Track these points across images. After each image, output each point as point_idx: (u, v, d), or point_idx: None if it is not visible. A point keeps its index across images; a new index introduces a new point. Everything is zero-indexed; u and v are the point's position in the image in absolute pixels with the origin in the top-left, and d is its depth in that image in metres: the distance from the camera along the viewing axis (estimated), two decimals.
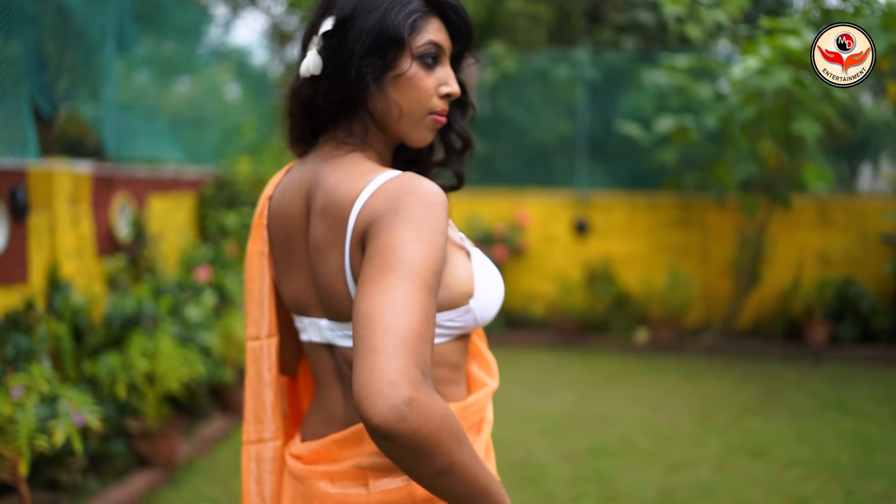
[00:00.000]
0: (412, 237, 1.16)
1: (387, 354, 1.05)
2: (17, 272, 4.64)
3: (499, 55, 8.64)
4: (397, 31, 1.32)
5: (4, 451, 3.27)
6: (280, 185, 1.45)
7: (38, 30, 5.82)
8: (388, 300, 1.09)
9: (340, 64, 1.32)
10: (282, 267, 1.43)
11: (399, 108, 1.36)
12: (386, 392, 1.02)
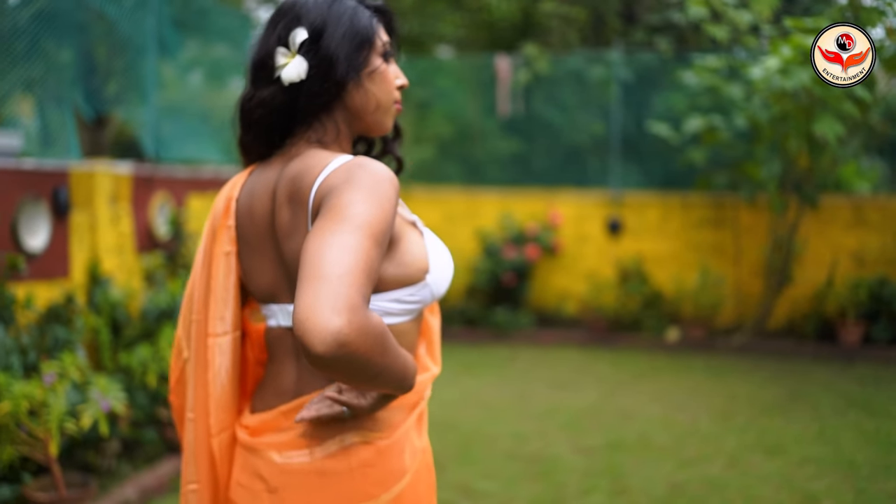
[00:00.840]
0: (361, 198, 1.28)
1: (331, 282, 1.14)
2: (59, 268, 4.90)
3: (532, 56, 8.76)
4: (367, 32, 1.51)
5: (37, 433, 3.50)
6: (246, 187, 1.58)
7: (87, 37, 6.11)
8: (336, 241, 1.20)
9: (325, 67, 1.47)
10: (251, 263, 1.56)
11: (376, 100, 1.55)
12: (327, 320, 1.11)
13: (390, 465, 1.49)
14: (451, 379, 6.75)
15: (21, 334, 4.10)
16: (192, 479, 1.57)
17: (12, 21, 5.43)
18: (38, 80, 5.66)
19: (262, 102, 1.51)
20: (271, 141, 1.56)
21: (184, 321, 1.65)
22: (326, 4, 1.49)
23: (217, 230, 1.58)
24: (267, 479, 1.48)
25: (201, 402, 1.57)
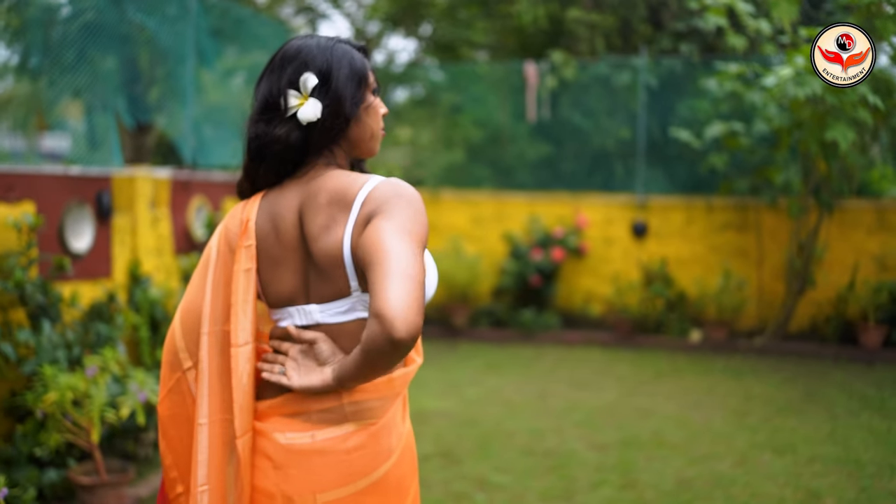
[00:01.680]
0: (415, 218, 1.60)
1: (417, 287, 1.47)
2: (102, 268, 5.21)
3: (559, 63, 8.95)
4: (364, 72, 1.77)
5: (80, 421, 3.80)
6: (263, 211, 1.79)
7: (130, 47, 6.43)
8: (407, 249, 1.52)
9: (335, 106, 1.72)
10: (272, 275, 1.78)
11: (371, 130, 1.81)
12: (413, 321, 1.44)
13: (380, 446, 1.73)
14: (475, 378, 6.98)
15: (66, 330, 4.41)
16: (203, 482, 1.74)
17: (62, 32, 5.77)
18: (85, 87, 5.99)
19: (278, 139, 1.73)
20: (285, 171, 1.78)
21: (188, 335, 1.84)
22: (328, 49, 1.74)
23: (235, 250, 1.78)
24: (272, 457, 1.71)
25: (217, 407, 1.76)
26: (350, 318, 1.71)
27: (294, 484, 1.68)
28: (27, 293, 4.20)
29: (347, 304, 1.71)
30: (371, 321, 1.47)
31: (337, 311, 1.71)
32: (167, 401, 1.86)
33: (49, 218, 4.71)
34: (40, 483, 3.91)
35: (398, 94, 12.17)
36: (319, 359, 1.70)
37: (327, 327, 1.73)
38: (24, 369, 4.06)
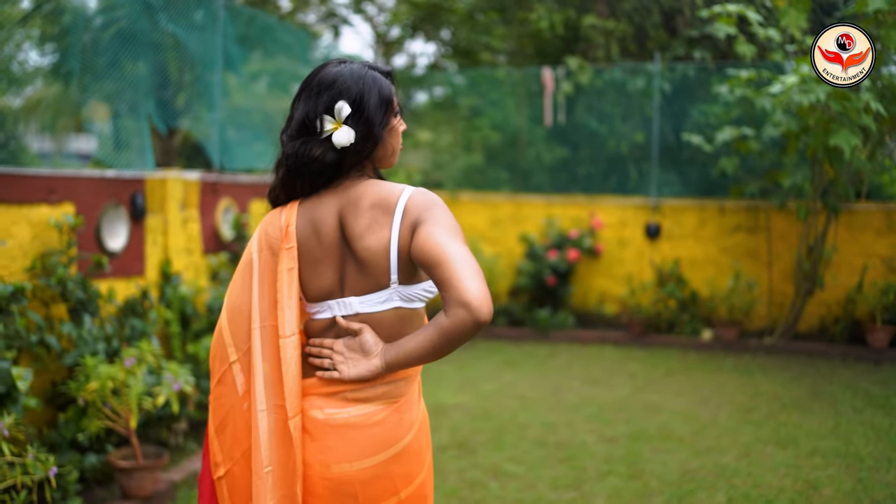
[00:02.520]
0: (454, 221, 1.90)
1: (483, 279, 1.76)
2: (136, 266, 5.49)
3: (575, 68, 9.17)
4: (390, 98, 2.02)
5: (119, 409, 4.07)
6: (302, 217, 2.01)
7: (160, 54, 6.72)
8: (463, 248, 1.81)
9: (366, 131, 1.96)
10: (312, 273, 2.01)
11: (392, 148, 2.06)
12: (490, 306, 1.74)
13: (403, 420, 1.99)
14: (491, 374, 7.22)
15: (105, 324, 4.69)
16: (268, 463, 1.95)
17: (96, 40, 6.06)
18: (117, 92, 6.28)
19: (316, 159, 1.97)
20: (321, 184, 2.02)
21: (236, 331, 2.05)
22: (360, 79, 1.97)
23: (278, 252, 2.01)
24: (311, 431, 1.96)
25: (270, 394, 1.97)
26: (387, 307, 1.96)
27: (331, 454, 1.92)
28: (68, 289, 4.48)
29: (385, 295, 1.96)
30: (457, 309, 1.74)
31: (376, 301, 1.96)
32: (216, 390, 2.09)
33: (87, 218, 4.99)
34: (82, 466, 4.19)
35: (419, 97, 12.45)
36: (365, 348, 1.94)
37: (366, 316, 1.97)
38: (65, 361, 4.34)
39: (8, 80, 6.69)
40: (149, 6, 6.40)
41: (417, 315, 2.03)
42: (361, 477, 1.92)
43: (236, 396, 2.04)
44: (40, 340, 4.24)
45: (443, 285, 1.77)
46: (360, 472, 1.93)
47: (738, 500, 4.40)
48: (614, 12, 10.12)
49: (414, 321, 2.01)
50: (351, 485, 1.92)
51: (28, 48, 8.43)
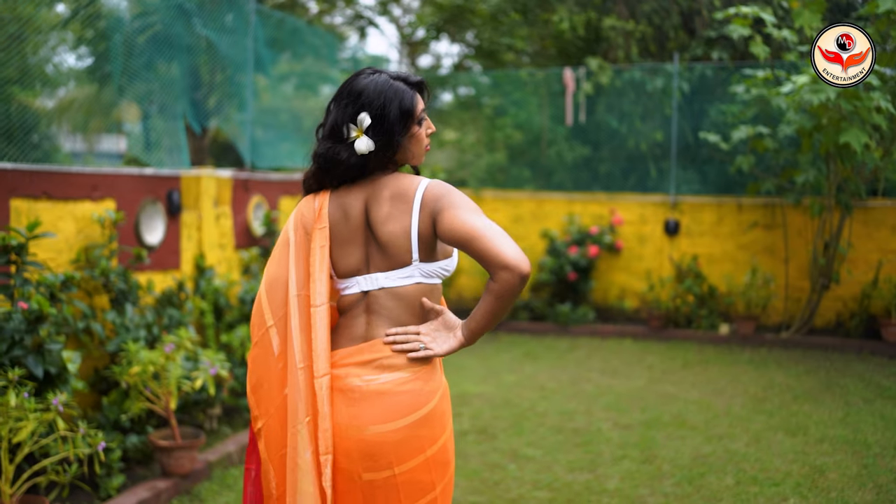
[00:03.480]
0: (470, 200, 2.16)
1: (512, 242, 2.03)
2: (172, 260, 5.77)
3: (595, 69, 9.38)
4: (411, 109, 2.25)
5: (159, 392, 4.34)
6: (334, 202, 2.27)
7: (193, 56, 7.00)
8: (486, 220, 2.08)
9: (386, 140, 2.21)
10: (341, 251, 2.28)
11: (412, 153, 2.31)
12: (525, 258, 2.02)
13: (428, 387, 2.23)
14: (512, 365, 7.45)
15: (144, 313, 4.97)
16: (305, 416, 2.19)
17: (131, 43, 6.34)
18: (151, 93, 6.57)
19: (342, 162, 2.23)
20: (348, 180, 2.28)
21: (273, 299, 2.30)
22: (383, 91, 2.22)
23: (311, 231, 2.27)
24: (348, 395, 2.20)
25: (304, 355, 2.22)
26: (409, 282, 2.22)
27: (367, 417, 2.16)
28: (110, 280, 4.76)
29: (407, 272, 2.22)
30: (501, 272, 2.01)
31: (399, 276, 2.23)
32: (254, 351, 2.34)
33: (127, 214, 5.27)
34: (124, 446, 4.46)
35: (444, 97, 12.70)
36: (449, 324, 2.23)
37: (390, 290, 2.23)
38: (108, 348, 4.62)
39: (43, 81, 6.99)
40: (183, 11, 6.68)
41: (436, 289, 2.29)
42: (393, 438, 2.15)
43: (272, 357, 2.29)
44: (86, 327, 4.52)
45: (481, 257, 2.04)
46: (393, 433, 2.16)
47: (745, 482, 4.59)
48: (634, 14, 10.30)
49: (434, 294, 2.28)
50: (384, 445, 2.15)
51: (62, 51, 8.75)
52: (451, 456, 2.31)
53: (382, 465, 2.15)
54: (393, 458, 2.15)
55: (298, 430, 2.17)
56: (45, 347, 3.83)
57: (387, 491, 2.15)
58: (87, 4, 6.09)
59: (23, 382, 3.58)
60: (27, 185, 4.56)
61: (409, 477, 2.16)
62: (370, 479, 2.14)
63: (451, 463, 2.30)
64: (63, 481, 3.62)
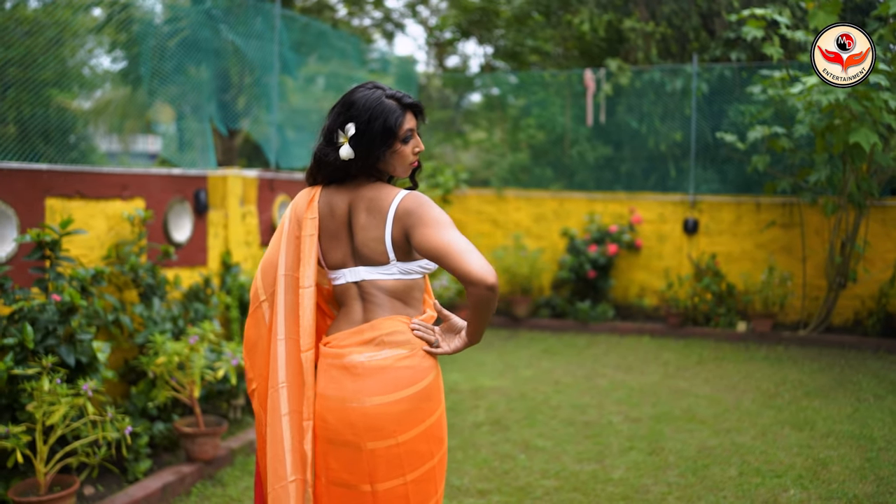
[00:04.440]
0: (439, 212, 2.32)
1: (473, 253, 2.21)
2: (199, 257, 6.01)
3: (615, 70, 9.52)
4: (394, 128, 2.44)
5: (184, 381, 4.57)
6: (324, 197, 2.50)
7: (222, 60, 7.24)
8: (455, 234, 2.26)
9: (366, 151, 2.41)
10: (328, 244, 2.50)
11: (394, 167, 2.50)
12: (490, 270, 2.19)
13: (424, 364, 2.43)
14: (530, 361, 7.62)
15: (171, 307, 5.21)
16: (283, 381, 2.45)
17: (162, 47, 6.59)
18: (181, 95, 6.82)
19: (330, 163, 2.46)
20: (337, 180, 2.51)
21: (265, 278, 2.54)
22: (372, 107, 2.42)
23: (302, 220, 2.49)
24: (352, 371, 2.40)
25: (291, 329, 2.46)
26: (390, 277, 2.43)
27: (370, 390, 2.36)
28: (139, 275, 5.00)
29: (387, 269, 2.43)
30: (470, 288, 2.21)
31: (379, 272, 2.45)
32: (249, 321, 2.60)
33: (156, 212, 5.51)
34: (151, 433, 4.70)
35: (469, 98, 12.89)
36: (455, 328, 2.50)
37: (371, 281, 2.45)
38: (137, 340, 4.86)
39: (80, 83, 7.24)
40: (210, 16, 6.92)
41: (417, 284, 2.49)
42: (395, 409, 2.35)
43: (264, 326, 2.54)
44: (115, 320, 4.76)
45: (452, 273, 2.24)
46: (395, 404, 2.36)
47: (748, 474, 4.73)
48: (654, 15, 10.42)
49: (415, 288, 2.49)
50: (386, 416, 2.35)
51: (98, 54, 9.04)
52: (445, 433, 2.51)
53: (386, 435, 2.34)
54: (395, 428, 2.34)
55: (278, 390, 2.43)
56: (76, 337, 4.07)
57: (389, 459, 2.35)
58: (120, 10, 6.34)
59: (55, 369, 3.83)
60: (61, 185, 4.81)
61: (410, 447, 2.36)
62: (373, 447, 2.34)
63: (444, 439, 2.50)
64: (93, 462, 3.86)
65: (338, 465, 2.38)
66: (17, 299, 4.03)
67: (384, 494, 2.36)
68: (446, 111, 12.25)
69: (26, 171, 4.59)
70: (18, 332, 3.88)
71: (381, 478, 2.35)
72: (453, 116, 12.32)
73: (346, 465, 2.37)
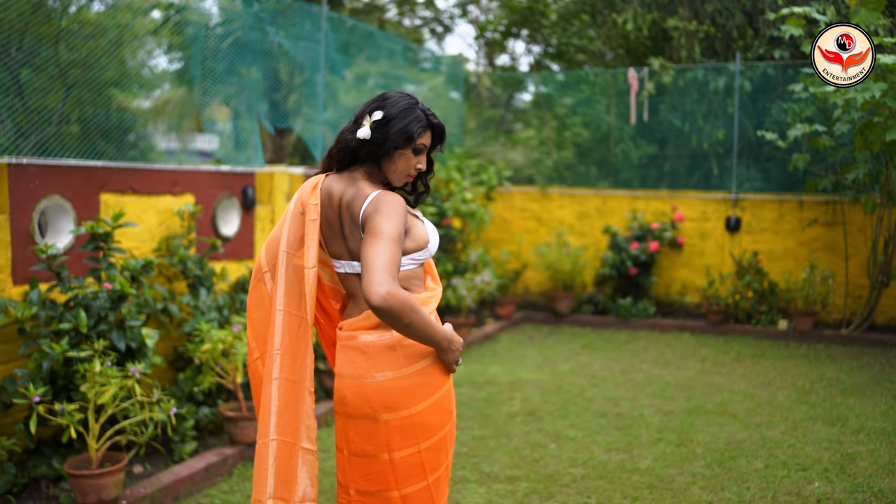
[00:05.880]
0: (385, 219, 2.42)
1: (376, 273, 2.30)
2: (246, 250, 6.26)
3: (658, 69, 9.58)
4: (412, 135, 2.61)
5: (228, 368, 4.81)
6: (326, 185, 2.66)
7: (272, 61, 7.50)
8: (376, 248, 2.35)
9: (381, 139, 2.59)
10: (327, 232, 2.68)
11: (395, 168, 2.65)
12: (375, 290, 2.25)
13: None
14: (569, 356, 7.75)
15: (218, 298, 5.46)
16: (278, 348, 2.63)
17: (215, 48, 6.86)
18: (233, 95, 7.09)
19: (346, 140, 2.64)
20: (343, 162, 2.67)
21: (268, 252, 2.72)
22: (403, 107, 2.60)
23: (305, 205, 2.66)
24: (364, 351, 2.59)
25: (290, 303, 2.64)
26: None
27: (380, 366, 2.55)
28: (187, 267, 5.26)
29: None
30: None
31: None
32: (252, 293, 2.80)
33: (205, 207, 5.77)
34: (197, 416, 4.95)
35: (519, 97, 13.03)
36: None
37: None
38: (184, 328, 5.12)
39: (139, 83, 7.54)
40: (260, 19, 7.18)
41: (413, 273, 2.63)
42: (406, 383, 2.54)
43: (266, 295, 2.75)
44: (164, 309, 5.02)
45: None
46: (406, 379, 2.54)
47: (774, 466, 4.81)
48: (698, 14, 10.45)
49: (411, 278, 2.63)
50: (399, 390, 2.54)
51: (157, 55, 9.38)
52: (453, 405, 2.68)
53: (399, 407, 2.53)
54: (408, 400, 2.53)
55: (273, 356, 2.62)
56: (126, 324, 4.33)
57: (403, 430, 2.54)
58: (176, 12, 6.62)
59: (107, 353, 4.09)
60: (115, 181, 5.09)
61: (422, 418, 2.55)
62: (388, 419, 2.53)
63: (453, 411, 2.68)
64: (140, 441, 4.11)
65: (357, 437, 2.58)
66: (73, 287, 4.30)
67: (401, 462, 2.55)
68: (496, 110, 12.41)
69: (83, 168, 4.87)
70: (73, 317, 4.15)
71: (398, 447, 2.54)
72: (503, 115, 12.47)
73: (365, 437, 2.57)
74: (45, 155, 5.10)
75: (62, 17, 6.75)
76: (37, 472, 4.19)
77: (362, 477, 2.59)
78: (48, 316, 4.26)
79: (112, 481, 3.87)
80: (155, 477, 4.32)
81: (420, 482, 2.58)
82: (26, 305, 4.17)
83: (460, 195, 8.79)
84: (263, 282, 2.77)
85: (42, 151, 5.03)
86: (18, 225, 4.43)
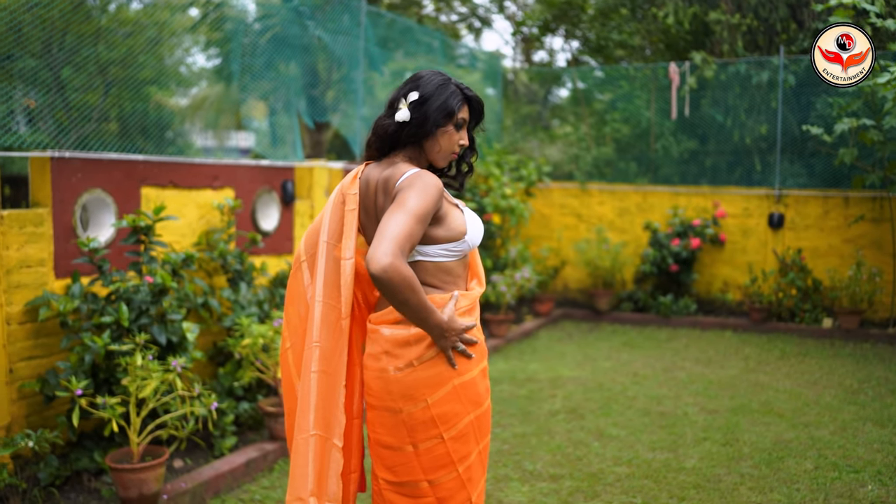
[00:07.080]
0: (413, 194, 2.38)
1: (385, 241, 2.24)
2: (285, 245, 6.24)
3: (699, 63, 9.43)
4: (452, 110, 2.57)
5: (268, 363, 4.78)
6: (365, 174, 2.63)
7: (310, 56, 7.47)
8: (394, 218, 2.31)
9: (421, 120, 2.54)
10: (365, 221, 2.64)
11: (439, 147, 2.61)
12: (378, 258, 2.21)
13: None
14: (610, 353, 7.65)
15: (258, 292, 5.44)
16: (316, 340, 2.56)
17: (254, 44, 6.84)
18: (271, 91, 7.07)
19: (384, 126, 2.60)
20: (384, 150, 2.64)
21: (308, 241, 2.68)
22: (438, 84, 2.56)
23: (346, 195, 2.63)
24: (382, 344, 2.55)
25: (328, 294, 2.57)
26: (412, 259, 2.53)
27: (399, 360, 2.51)
28: (228, 261, 5.24)
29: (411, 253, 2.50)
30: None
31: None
32: (290, 281, 2.76)
33: (244, 202, 5.75)
34: (237, 411, 4.93)
35: (557, 92, 12.93)
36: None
37: None
38: (224, 323, 5.10)
39: (177, 81, 7.55)
40: (298, 13, 7.16)
41: (444, 266, 2.56)
42: (420, 374, 2.49)
43: (302, 285, 2.70)
44: (204, 303, 5.01)
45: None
46: (419, 370, 2.49)
47: (825, 468, 4.69)
48: (740, 7, 10.27)
49: (442, 271, 2.56)
50: (415, 382, 2.50)
51: (194, 52, 9.39)
52: (480, 395, 2.61)
53: (417, 398, 2.49)
54: (424, 391, 2.49)
55: (312, 349, 2.55)
56: (167, 317, 4.32)
57: (424, 421, 2.50)
58: (214, 8, 6.62)
59: (148, 347, 4.08)
60: (156, 175, 5.08)
61: (441, 408, 2.51)
62: (409, 410, 2.50)
63: (480, 402, 2.60)
64: (181, 435, 4.09)
65: (382, 429, 2.56)
66: (114, 281, 4.29)
67: (426, 453, 2.52)
68: (533, 106, 12.31)
69: (124, 162, 4.87)
70: (115, 311, 4.15)
71: (421, 438, 2.51)
72: (540, 111, 12.38)
73: (389, 429, 2.54)
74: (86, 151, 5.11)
75: (102, 15, 6.80)
76: (79, 465, 4.19)
77: (388, 469, 2.57)
78: (90, 309, 4.26)
79: (153, 475, 3.86)
80: (195, 472, 4.31)
81: (449, 472, 2.54)
82: (68, 299, 4.17)
83: (500, 190, 8.71)
84: (301, 271, 2.72)
85: (82, 148, 5.03)
86: (61, 218, 4.44)
